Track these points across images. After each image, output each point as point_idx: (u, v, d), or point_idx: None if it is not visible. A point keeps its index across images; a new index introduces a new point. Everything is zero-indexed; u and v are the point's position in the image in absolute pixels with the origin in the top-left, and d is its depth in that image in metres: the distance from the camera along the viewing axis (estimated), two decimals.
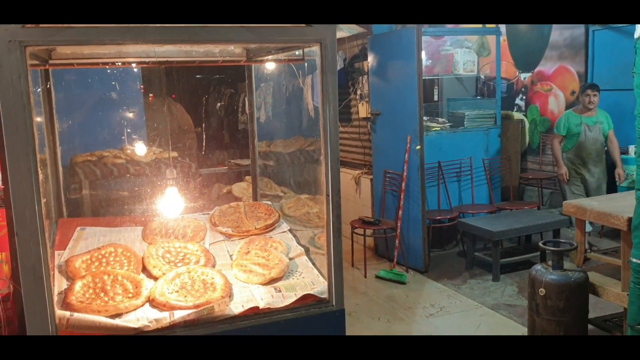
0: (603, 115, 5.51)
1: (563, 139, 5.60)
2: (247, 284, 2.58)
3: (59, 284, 2.51)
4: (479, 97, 7.07)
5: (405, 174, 5.37)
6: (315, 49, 2.34)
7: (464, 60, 6.39)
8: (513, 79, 7.27)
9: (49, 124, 3.56)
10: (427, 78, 6.36)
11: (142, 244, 2.97)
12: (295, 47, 2.86)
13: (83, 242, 2.97)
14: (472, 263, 5.46)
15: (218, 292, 2.41)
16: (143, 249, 2.84)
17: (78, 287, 2.41)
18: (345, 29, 5.82)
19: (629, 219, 3.17)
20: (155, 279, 2.56)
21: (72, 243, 2.94)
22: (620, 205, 3.49)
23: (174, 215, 3.09)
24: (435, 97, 6.88)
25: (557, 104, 6.71)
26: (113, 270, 2.56)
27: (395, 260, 5.45)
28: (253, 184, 4.04)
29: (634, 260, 2.91)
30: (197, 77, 8.22)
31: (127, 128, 5.04)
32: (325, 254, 2.45)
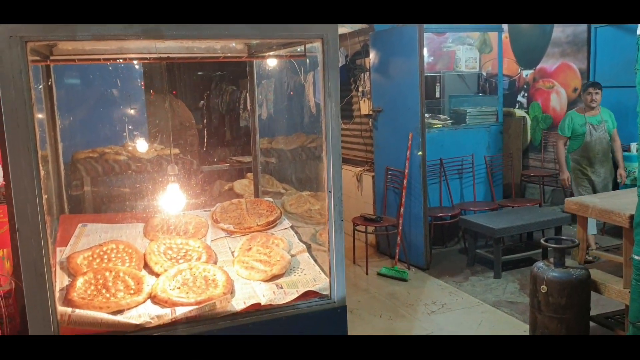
0: (607, 114, 5.42)
1: (568, 140, 5.49)
2: (248, 281, 2.58)
3: (61, 281, 2.51)
4: (481, 94, 7.07)
5: (407, 171, 5.36)
6: (317, 45, 2.33)
7: (466, 57, 6.37)
8: (515, 76, 7.26)
9: (51, 121, 3.55)
10: (428, 75, 6.34)
11: (143, 241, 2.96)
12: (297, 43, 2.85)
13: (85, 238, 2.97)
14: (473, 260, 5.46)
15: (220, 288, 2.41)
16: (145, 246, 2.84)
17: (80, 283, 2.40)
18: (347, 25, 5.81)
19: (631, 216, 3.17)
20: (157, 276, 2.56)
21: (73, 239, 2.94)
22: (622, 203, 3.48)
23: (176, 212, 3.08)
24: (437, 94, 6.87)
25: (559, 101, 6.70)
26: (115, 267, 2.56)
27: (397, 258, 5.45)
28: (254, 181, 4.03)
29: (636, 258, 2.91)
30: (198, 74, 8.21)
31: (128, 125, 5.04)
32: (327, 251, 2.45)
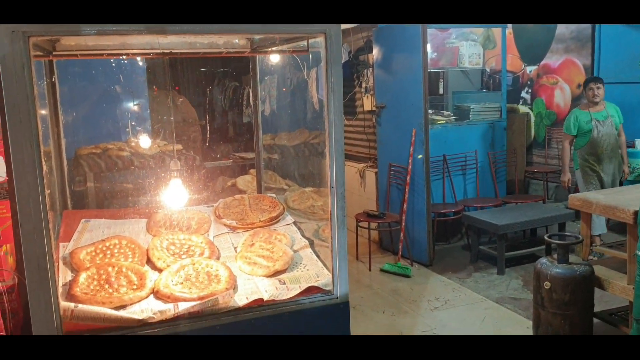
0: (613, 109, 5.30)
1: (574, 139, 5.36)
2: (251, 276, 2.58)
3: (64, 276, 2.51)
4: (485, 90, 7.03)
5: (410, 168, 5.35)
6: (320, 40, 2.33)
7: (470, 53, 6.34)
8: (519, 72, 7.23)
9: (54, 116, 3.56)
10: (432, 71, 6.32)
11: (146, 236, 2.97)
12: (300, 38, 2.84)
13: (87, 234, 2.97)
14: (477, 256, 5.45)
15: (222, 284, 2.41)
16: (147, 241, 2.84)
17: (82, 278, 2.41)
18: None
19: (635, 212, 3.16)
20: (160, 271, 2.56)
21: (76, 235, 2.94)
22: (626, 199, 3.47)
23: (178, 208, 3.08)
24: (441, 90, 6.84)
25: (563, 97, 6.67)
26: (117, 262, 2.56)
27: (400, 254, 5.44)
28: (257, 177, 4.03)
29: None
30: (202, 70, 8.20)
31: (131, 121, 5.04)
32: (330, 246, 2.45)
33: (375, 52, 5.75)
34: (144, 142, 4.84)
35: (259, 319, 2.31)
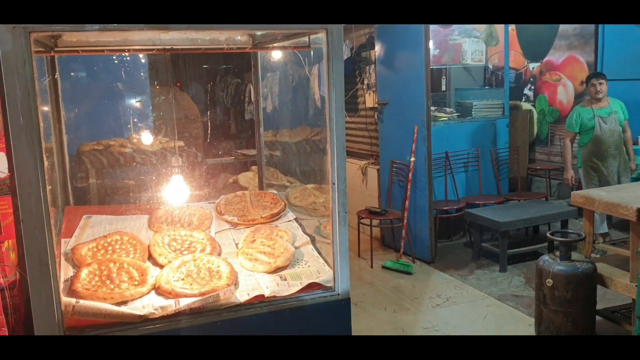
0: (617, 105, 5.20)
1: (576, 136, 5.31)
2: (252, 272, 2.58)
3: (65, 272, 2.51)
4: (487, 87, 7.02)
5: (412, 164, 5.34)
6: (322, 36, 2.32)
7: (472, 50, 6.33)
8: (521, 69, 7.21)
9: (55, 113, 3.56)
10: (434, 68, 6.30)
11: (148, 232, 2.97)
12: (301, 34, 2.84)
13: (89, 230, 2.98)
14: (479, 254, 5.44)
15: (224, 280, 2.41)
16: (149, 237, 2.84)
17: (84, 274, 2.41)
18: None
19: (638, 210, 3.15)
20: (161, 267, 2.56)
21: (78, 231, 2.95)
22: (630, 196, 3.45)
23: (180, 204, 3.08)
24: (443, 86, 6.83)
25: (566, 94, 6.65)
26: (119, 258, 2.56)
27: (402, 251, 5.44)
28: (259, 174, 4.03)
29: None
30: (204, 67, 8.20)
31: (133, 117, 5.05)
32: (331, 243, 2.44)
33: (378, 48, 5.74)
34: (146, 138, 4.85)
35: (260, 315, 2.31)
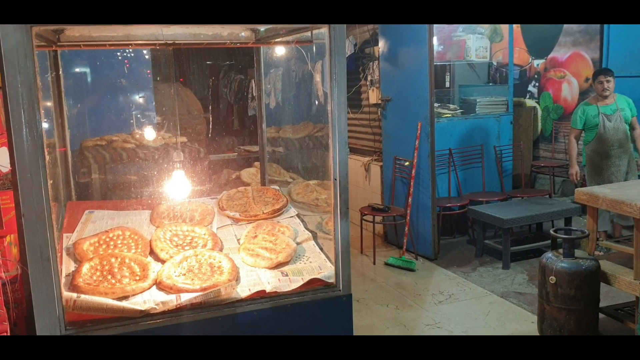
0: (624, 101, 5.07)
1: (581, 133, 5.20)
2: (254, 268, 2.57)
3: (67, 266, 2.52)
4: (491, 83, 6.99)
5: (416, 161, 5.33)
6: (324, 31, 2.31)
7: (476, 46, 6.30)
8: (526, 66, 7.17)
9: (58, 109, 3.56)
10: (438, 64, 6.28)
11: (149, 227, 2.97)
12: (304, 29, 2.83)
13: (91, 225, 2.98)
14: (482, 251, 5.42)
15: (225, 275, 2.41)
16: (151, 232, 2.84)
17: (85, 269, 2.41)
18: None
19: None
20: (163, 262, 2.56)
21: (80, 226, 2.95)
22: (634, 193, 3.43)
23: (182, 199, 3.08)
24: (447, 83, 6.80)
25: (570, 91, 6.61)
26: (121, 253, 2.56)
27: (405, 248, 5.43)
28: (261, 169, 4.02)
29: None
30: (207, 63, 8.20)
31: (136, 113, 5.05)
32: (333, 239, 2.44)
33: (381, 44, 5.72)
34: (149, 134, 4.85)
35: (261, 311, 2.31)
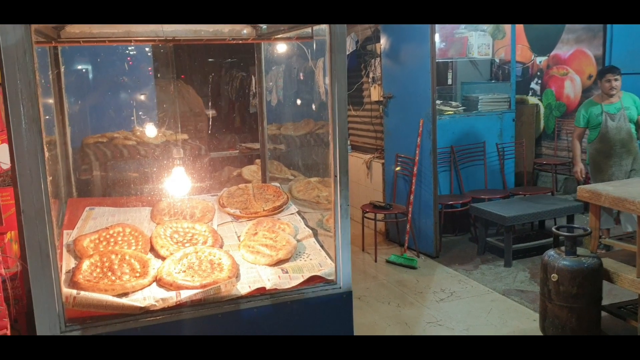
0: (630, 100, 4.95)
1: (585, 131, 5.13)
2: (254, 265, 2.57)
3: (67, 263, 2.51)
4: (494, 80, 6.96)
5: (418, 158, 5.32)
6: (325, 27, 2.30)
7: (479, 43, 6.27)
8: (528, 63, 7.15)
9: (59, 106, 3.56)
10: (440, 61, 6.26)
11: (150, 224, 2.96)
12: (305, 25, 2.82)
13: (92, 221, 2.98)
14: (484, 248, 5.41)
15: (225, 272, 2.40)
16: (151, 229, 2.84)
17: (85, 266, 2.41)
18: None
19: None
20: (163, 259, 2.56)
21: (80, 222, 2.95)
22: (636, 191, 3.42)
23: (182, 196, 3.08)
24: (449, 80, 6.78)
25: (573, 89, 6.59)
26: (121, 250, 2.55)
27: (406, 245, 5.42)
28: (262, 167, 4.02)
29: None
30: (209, 60, 8.19)
31: (137, 110, 5.04)
32: (333, 236, 2.43)
33: (383, 41, 5.70)
34: (150, 131, 4.84)
35: (261, 308, 2.30)
